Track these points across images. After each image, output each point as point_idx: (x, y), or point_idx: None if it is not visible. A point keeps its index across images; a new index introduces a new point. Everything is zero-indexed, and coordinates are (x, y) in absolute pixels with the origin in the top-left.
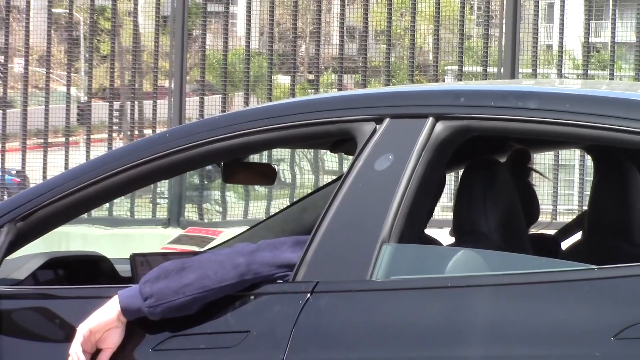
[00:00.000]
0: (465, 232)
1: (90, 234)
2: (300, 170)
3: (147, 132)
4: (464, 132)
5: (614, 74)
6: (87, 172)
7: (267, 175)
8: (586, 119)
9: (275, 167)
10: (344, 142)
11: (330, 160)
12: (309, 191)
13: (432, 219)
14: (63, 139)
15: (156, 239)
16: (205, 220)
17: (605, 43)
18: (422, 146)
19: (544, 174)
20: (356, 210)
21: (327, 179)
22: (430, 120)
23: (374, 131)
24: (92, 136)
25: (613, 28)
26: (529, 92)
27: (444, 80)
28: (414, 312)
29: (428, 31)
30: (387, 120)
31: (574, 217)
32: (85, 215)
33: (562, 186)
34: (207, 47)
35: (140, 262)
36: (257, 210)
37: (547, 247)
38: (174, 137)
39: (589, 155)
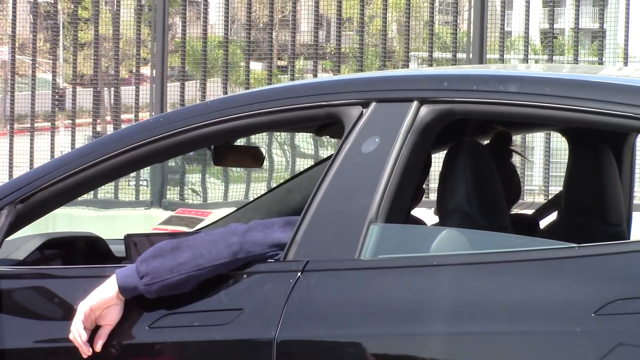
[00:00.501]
0: (449, 212)
1: (76, 215)
2: (283, 153)
3: (127, 116)
4: (448, 115)
5: (578, 59)
6: (85, 156)
7: (255, 157)
8: (565, 102)
9: (263, 150)
10: (329, 126)
11: (313, 143)
12: (287, 174)
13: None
14: (45, 124)
15: (140, 220)
16: (187, 202)
17: (563, 29)
18: (408, 129)
19: (525, 155)
20: (344, 191)
21: (307, 163)
22: (415, 104)
23: (361, 115)
24: (71, 121)
25: (577, 13)
26: (510, 77)
27: (407, 66)
28: (400, 289)
29: (397, 19)
30: (373, 104)
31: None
32: None
33: (554, 169)
34: (183, 34)
35: (134, 242)
36: (237, 192)
37: (526, 226)
38: (168, 122)
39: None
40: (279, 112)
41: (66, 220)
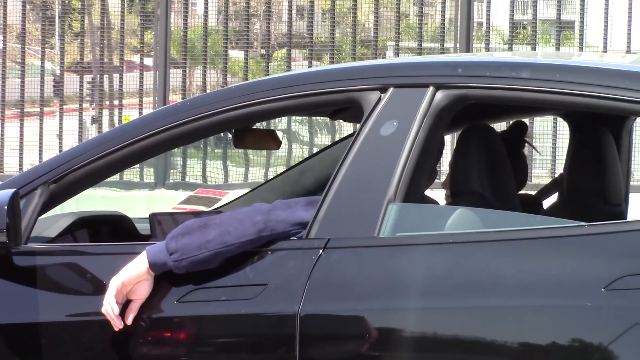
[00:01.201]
0: (462, 192)
1: (83, 195)
2: (296, 136)
3: (126, 102)
4: (462, 100)
5: (560, 48)
6: (115, 138)
7: (273, 140)
8: (575, 87)
9: (280, 133)
10: (343, 110)
11: (325, 127)
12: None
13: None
14: (39, 109)
15: (144, 200)
16: (188, 181)
17: (534, 20)
18: (424, 113)
19: (536, 148)
20: (364, 172)
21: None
22: (431, 89)
23: (379, 100)
24: (65, 106)
25: (559, 6)
26: (522, 63)
27: (384, 56)
28: (418, 266)
29: (382, 9)
30: (391, 89)
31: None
32: None
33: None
34: (171, 24)
35: (159, 220)
36: (237, 174)
37: (530, 206)
38: (194, 106)
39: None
40: (300, 97)
41: (73, 200)
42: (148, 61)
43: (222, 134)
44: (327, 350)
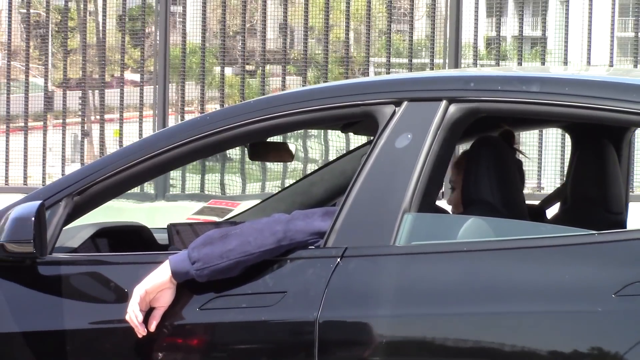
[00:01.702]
0: (473, 202)
1: None
2: (306, 148)
3: (111, 116)
4: (474, 113)
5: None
6: (136, 152)
7: (286, 153)
8: (584, 100)
9: (294, 146)
10: (354, 124)
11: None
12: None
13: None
14: (35, 124)
15: (145, 212)
16: (188, 193)
17: (505, 37)
18: (437, 126)
19: (526, 154)
20: (380, 183)
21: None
22: (444, 102)
23: (394, 113)
24: (57, 121)
25: (521, 24)
26: (532, 77)
27: (368, 74)
28: (433, 273)
29: (378, 30)
30: (405, 103)
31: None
32: None
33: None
34: (164, 41)
35: (177, 230)
36: (234, 185)
37: (535, 215)
38: (214, 120)
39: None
40: (317, 110)
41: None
42: (136, 77)
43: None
44: (346, 356)
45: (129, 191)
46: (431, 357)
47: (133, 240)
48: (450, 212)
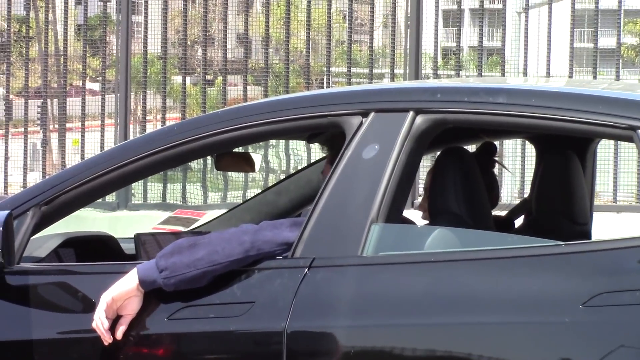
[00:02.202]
0: (439, 212)
1: None
2: (275, 158)
3: (72, 125)
4: (441, 124)
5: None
6: (104, 162)
7: (251, 163)
8: (550, 112)
9: (260, 156)
10: (319, 134)
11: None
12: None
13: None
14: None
15: (106, 221)
16: (150, 202)
17: (462, 47)
18: (405, 137)
19: (507, 167)
20: (347, 194)
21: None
22: (411, 114)
23: (361, 124)
24: (16, 130)
25: (481, 34)
26: (498, 89)
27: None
28: (401, 284)
29: (339, 38)
30: (372, 114)
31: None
32: None
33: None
34: (117, 51)
35: (143, 240)
36: (196, 195)
37: (503, 226)
38: (182, 130)
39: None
40: (285, 121)
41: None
42: (96, 86)
43: None
44: None
45: None
46: None
47: (100, 249)
48: (421, 218)
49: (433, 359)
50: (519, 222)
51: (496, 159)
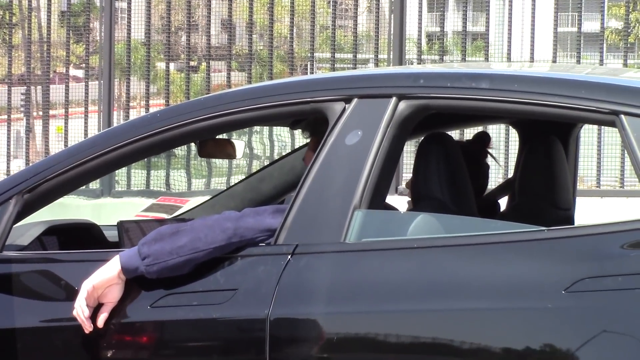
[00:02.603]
0: (423, 198)
1: None
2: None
3: (56, 112)
4: (424, 110)
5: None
6: (87, 149)
7: (234, 149)
8: (533, 97)
9: (243, 142)
10: (302, 121)
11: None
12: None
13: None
14: None
15: (91, 208)
16: (133, 189)
17: (447, 32)
18: (387, 123)
19: (497, 159)
20: (330, 180)
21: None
22: (394, 99)
23: (344, 110)
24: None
25: (489, 18)
26: (481, 74)
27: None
28: (384, 270)
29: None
30: (355, 100)
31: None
32: None
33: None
34: (101, 37)
35: (126, 228)
36: (179, 181)
37: (487, 208)
38: (165, 117)
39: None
40: (268, 107)
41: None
42: (80, 73)
43: None
44: (297, 353)
45: None
46: (382, 353)
47: (83, 237)
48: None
49: (417, 345)
50: (502, 204)
51: (489, 149)
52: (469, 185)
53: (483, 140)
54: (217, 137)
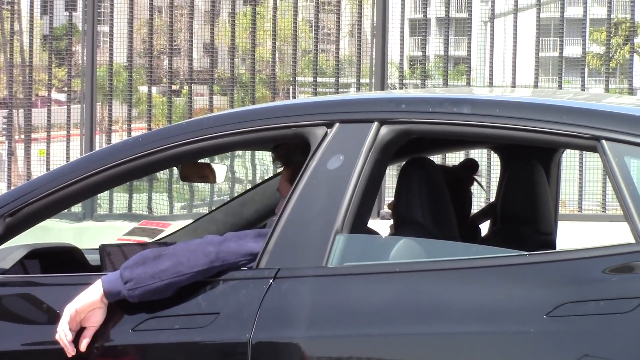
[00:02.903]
0: (405, 222)
1: None
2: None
3: (38, 135)
4: (405, 135)
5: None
6: (70, 173)
7: (215, 174)
8: (514, 122)
9: (225, 166)
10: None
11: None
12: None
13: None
14: None
15: (73, 232)
16: (115, 213)
17: (429, 56)
18: (369, 147)
19: (483, 187)
20: (312, 204)
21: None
22: (376, 124)
23: (325, 135)
24: None
25: (471, 43)
26: (463, 99)
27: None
28: (366, 294)
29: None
30: (337, 124)
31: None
32: None
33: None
34: (83, 60)
35: (108, 252)
36: (161, 205)
37: (468, 232)
38: (147, 141)
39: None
40: (249, 132)
41: None
42: (62, 96)
43: None
44: None
45: None
46: None
47: (64, 261)
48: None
49: None
50: (484, 229)
51: (476, 177)
52: (451, 210)
53: (471, 167)
54: (199, 161)
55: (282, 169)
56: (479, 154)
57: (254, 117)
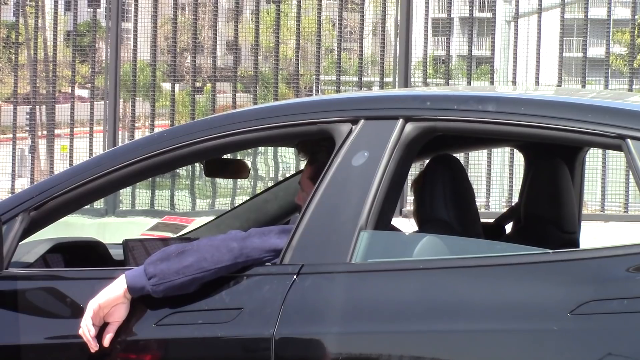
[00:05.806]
0: (429, 220)
1: None
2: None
3: (61, 131)
4: (430, 132)
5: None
6: (94, 167)
7: (242, 169)
8: (540, 120)
9: (249, 163)
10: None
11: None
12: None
13: None
14: None
15: (95, 227)
16: (138, 209)
17: (451, 56)
18: (394, 144)
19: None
20: (336, 200)
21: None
22: (401, 121)
23: (351, 131)
24: (4, 136)
25: (494, 42)
26: (488, 97)
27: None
28: (389, 291)
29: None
30: (362, 121)
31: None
32: None
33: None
34: (108, 57)
35: (132, 247)
36: (184, 201)
37: (493, 233)
38: (171, 136)
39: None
40: (275, 128)
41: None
42: (85, 93)
43: None
44: None
45: None
46: None
47: (88, 255)
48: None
49: None
50: (508, 228)
51: None
52: (474, 207)
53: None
54: (224, 157)
55: (305, 163)
56: (502, 153)
57: (279, 113)
